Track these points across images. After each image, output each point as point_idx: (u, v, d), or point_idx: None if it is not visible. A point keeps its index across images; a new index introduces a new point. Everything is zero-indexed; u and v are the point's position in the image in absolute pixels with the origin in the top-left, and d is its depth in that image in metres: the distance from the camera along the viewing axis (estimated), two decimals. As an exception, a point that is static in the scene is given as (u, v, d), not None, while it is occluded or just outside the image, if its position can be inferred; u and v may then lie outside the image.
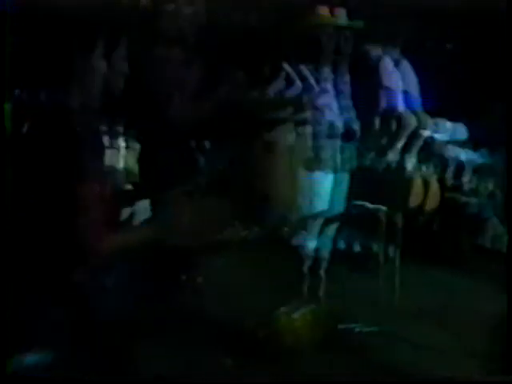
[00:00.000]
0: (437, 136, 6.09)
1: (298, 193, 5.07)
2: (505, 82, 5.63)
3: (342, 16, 5.47)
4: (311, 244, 5.21)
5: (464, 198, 6.34)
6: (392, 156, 5.57)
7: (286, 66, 5.10)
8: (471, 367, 4.48)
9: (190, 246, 4.78)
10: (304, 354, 4.62)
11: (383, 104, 5.49)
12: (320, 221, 5.21)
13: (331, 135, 5.23)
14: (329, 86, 5.32)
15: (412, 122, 5.54)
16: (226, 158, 5.16)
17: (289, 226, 5.10)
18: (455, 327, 5.01)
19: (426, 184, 5.72)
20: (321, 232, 5.32)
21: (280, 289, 4.97)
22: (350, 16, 5.51)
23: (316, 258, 5.29)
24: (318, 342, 4.72)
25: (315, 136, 5.16)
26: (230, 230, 4.81)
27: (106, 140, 5.67)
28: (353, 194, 5.38)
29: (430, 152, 5.94)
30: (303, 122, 5.11)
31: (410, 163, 5.68)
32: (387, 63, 5.56)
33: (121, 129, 5.79)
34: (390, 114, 5.50)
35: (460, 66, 6.40)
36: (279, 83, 5.11)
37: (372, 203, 5.45)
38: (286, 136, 5.01)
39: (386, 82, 5.49)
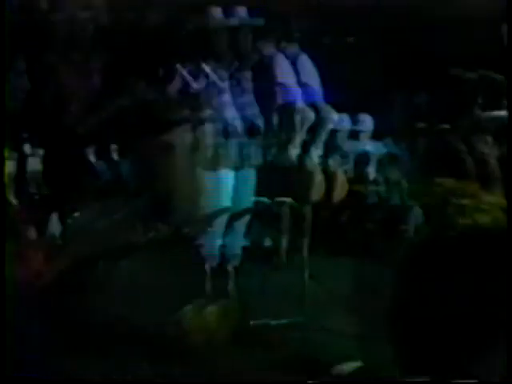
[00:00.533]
0: (341, 128, 6.18)
1: (200, 192, 5.09)
2: (409, 73, 5.78)
3: (241, 15, 5.51)
4: (216, 242, 5.21)
5: (370, 187, 6.44)
6: (295, 150, 5.61)
7: (180, 67, 5.10)
8: (383, 353, 4.53)
9: (97, 251, 4.77)
10: (216, 350, 4.63)
11: (280, 99, 5.53)
12: (225, 218, 5.22)
13: (233, 132, 5.25)
14: (230, 83, 5.34)
15: (310, 115, 5.59)
16: (127, 161, 5.15)
17: (191, 225, 5.10)
18: (366, 314, 5.08)
19: (332, 175, 5.79)
20: (229, 229, 5.33)
21: (187, 288, 4.97)
22: (250, 14, 5.56)
23: (224, 255, 5.30)
24: (229, 337, 4.74)
25: (216, 134, 5.17)
26: (133, 232, 4.80)
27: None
28: (260, 189, 5.42)
29: (335, 144, 6.02)
30: (202, 121, 5.12)
31: (316, 156, 5.74)
32: (281, 60, 5.61)
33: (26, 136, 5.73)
34: (288, 108, 5.54)
35: (363, 60, 6.51)
36: (176, 84, 5.10)
37: (279, 197, 5.50)
38: (185, 136, 5.01)
39: (281, 78, 5.53)
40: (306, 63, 5.81)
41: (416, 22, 5.92)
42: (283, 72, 5.55)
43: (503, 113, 4.75)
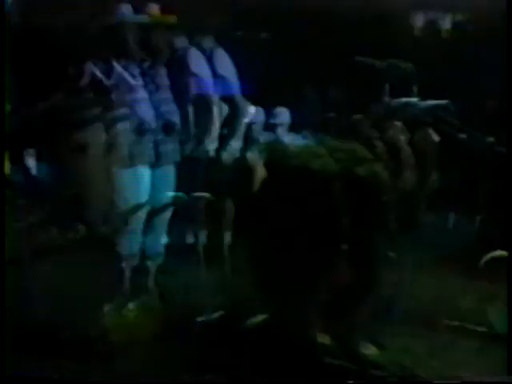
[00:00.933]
0: (258, 121, 6.22)
1: (117, 190, 5.06)
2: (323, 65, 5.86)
3: (152, 11, 5.50)
4: (135, 240, 5.19)
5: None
6: (212, 143, 5.63)
7: (90, 66, 5.04)
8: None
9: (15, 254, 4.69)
10: (139, 348, 4.61)
11: (195, 92, 5.54)
12: (144, 216, 5.20)
13: (149, 129, 5.23)
14: (143, 80, 5.32)
15: (226, 108, 5.62)
16: (42, 164, 5.08)
17: (110, 224, 5.06)
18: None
19: (251, 168, 5.81)
20: (149, 227, 5.31)
21: (107, 287, 4.94)
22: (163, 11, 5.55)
23: (145, 253, 5.28)
24: (152, 334, 4.72)
25: (131, 132, 5.14)
26: (51, 234, 4.74)
27: None
28: (179, 184, 5.41)
29: (252, 137, 6.04)
30: (116, 120, 5.08)
31: (234, 149, 5.76)
32: (194, 53, 5.62)
33: None
34: (204, 101, 5.56)
35: (278, 53, 6.57)
36: (86, 82, 5.04)
37: (198, 192, 5.48)
38: (98, 135, 4.97)
39: (194, 71, 5.54)
40: (221, 57, 5.83)
41: (327, 15, 6.02)
42: (197, 65, 5.56)
43: (413, 100, 4.88)
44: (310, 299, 1.48)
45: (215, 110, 5.57)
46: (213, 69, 5.71)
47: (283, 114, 6.49)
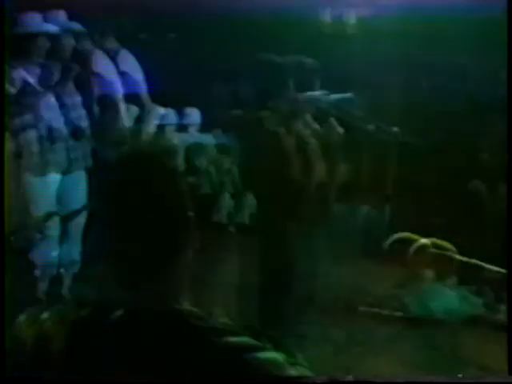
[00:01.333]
0: (169, 122, 6.25)
1: (29, 199, 5.01)
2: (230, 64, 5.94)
3: (60, 18, 5.45)
4: (50, 249, 5.14)
5: (200, 178, 6.50)
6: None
7: None
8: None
9: None
10: (58, 355, 4.55)
11: (103, 95, 5.53)
12: (58, 224, 5.15)
13: (58, 136, 5.18)
14: (51, 87, 5.26)
15: (135, 108, 5.63)
16: None
17: (22, 234, 5.01)
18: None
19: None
20: (64, 235, 5.26)
21: (21, 298, 4.86)
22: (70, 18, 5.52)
23: (61, 262, 5.23)
24: (68, 343, 4.67)
25: (40, 139, 5.09)
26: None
27: None
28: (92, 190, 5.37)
29: (164, 138, 6.06)
30: (24, 128, 5.02)
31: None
32: (99, 56, 5.61)
33: None
34: (111, 103, 5.55)
35: (185, 54, 6.61)
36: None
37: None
38: (6, 144, 4.90)
39: (102, 72, 5.53)
40: (127, 58, 5.84)
41: (233, 14, 6.08)
42: (102, 68, 5.55)
43: (317, 94, 4.98)
44: (168, 276, 1.59)
45: (124, 112, 5.57)
46: (118, 71, 5.71)
47: (193, 114, 6.55)
